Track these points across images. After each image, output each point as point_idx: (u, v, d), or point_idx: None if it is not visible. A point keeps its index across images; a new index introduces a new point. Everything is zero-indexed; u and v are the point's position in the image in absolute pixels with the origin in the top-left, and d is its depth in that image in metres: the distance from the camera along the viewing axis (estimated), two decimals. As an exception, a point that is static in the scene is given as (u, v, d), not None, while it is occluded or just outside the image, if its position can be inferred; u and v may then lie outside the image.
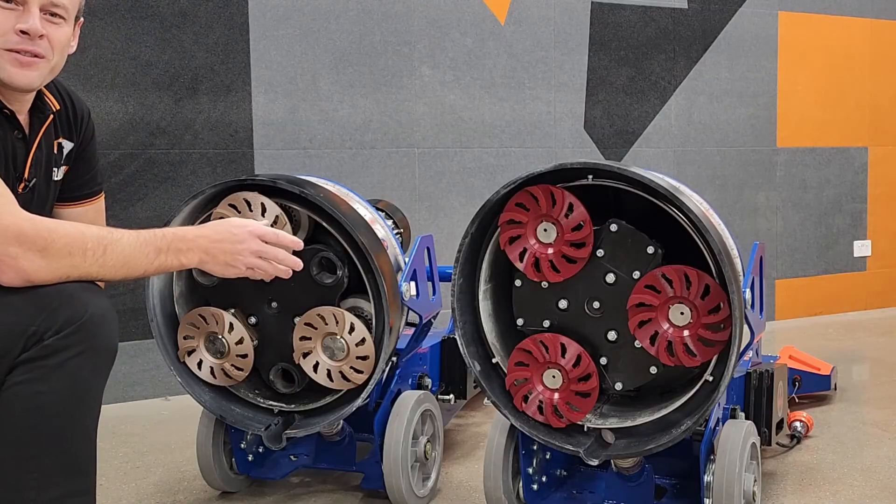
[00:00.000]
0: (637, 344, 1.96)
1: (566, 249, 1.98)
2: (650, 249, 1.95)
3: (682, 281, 1.90)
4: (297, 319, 2.19)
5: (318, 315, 2.16)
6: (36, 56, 1.71)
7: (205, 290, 2.28)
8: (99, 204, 2.09)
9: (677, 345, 1.91)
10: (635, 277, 1.96)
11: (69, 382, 1.50)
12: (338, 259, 2.18)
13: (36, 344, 1.48)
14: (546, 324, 2.05)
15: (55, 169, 1.90)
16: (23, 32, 1.68)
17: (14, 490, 1.50)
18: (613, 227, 1.97)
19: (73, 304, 1.51)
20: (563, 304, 2.04)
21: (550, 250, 1.99)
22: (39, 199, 1.86)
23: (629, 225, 1.97)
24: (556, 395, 2.02)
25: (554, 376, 2.01)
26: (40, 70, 1.73)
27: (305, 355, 2.19)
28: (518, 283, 2.07)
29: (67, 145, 1.93)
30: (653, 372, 1.98)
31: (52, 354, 1.49)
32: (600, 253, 1.99)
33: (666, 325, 1.92)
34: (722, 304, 1.89)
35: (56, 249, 1.53)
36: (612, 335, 2.01)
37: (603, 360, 2.02)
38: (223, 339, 2.21)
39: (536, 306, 2.06)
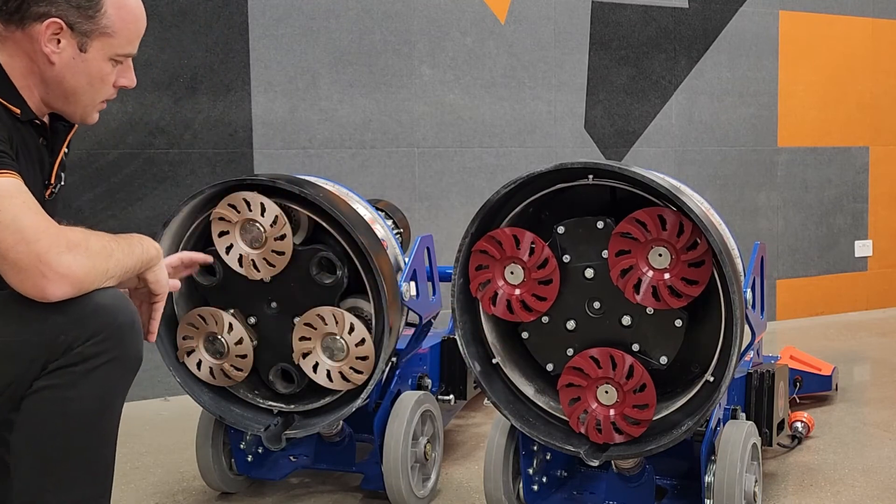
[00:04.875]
0: (649, 310, 1.96)
1: (536, 288, 2.00)
2: (599, 224, 1.97)
3: (656, 221, 1.89)
4: (296, 320, 2.19)
5: (318, 315, 2.16)
6: None
7: (204, 290, 2.27)
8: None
9: (661, 288, 1.91)
10: (604, 256, 1.96)
11: (97, 389, 1.52)
12: (337, 259, 2.17)
13: (66, 352, 1.50)
14: (570, 352, 2.05)
15: (62, 174, 1.93)
16: (121, 86, 1.79)
17: (34, 493, 1.52)
18: (561, 230, 2.00)
19: (102, 313, 1.53)
20: (570, 324, 2.04)
21: (518, 291, 2.01)
22: (60, 204, 1.89)
23: (570, 219, 1.99)
24: (612, 411, 1.99)
25: (607, 392, 1.99)
26: None
27: (305, 356, 2.18)
28: (525, 335, 2.08)
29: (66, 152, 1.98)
30: (678, 325, 1.96)
31: (81, 361, 1.51)
32: (567, 258, 2.00)
33: (646, 269, 1.92)
34: (699, 240, 1.88)
35: (94, 251, 1.55)
36: (626, 320, 2.00)
37: (635, 347, 2.01)
38: (222, 340, 2.21)
39: (552, 343, 2.06)
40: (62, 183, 1.91)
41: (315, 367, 2.18)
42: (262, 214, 2.12)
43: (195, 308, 2.24)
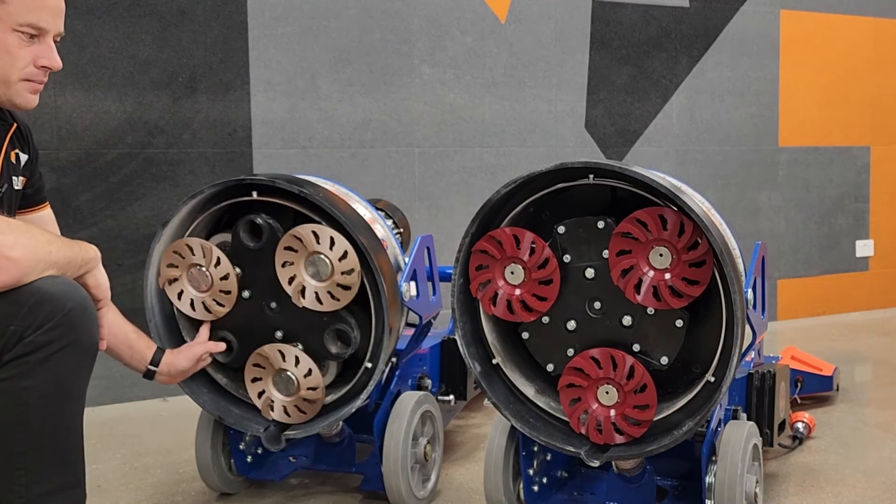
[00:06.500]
0: (650, 311, 1.95)
1: (536, 289, 1.99)
2: (600, 224, 1.96)
3: (657, 221, 1.88)
4: (298, 302, 2.15)
5: (295, 236, 2.12)
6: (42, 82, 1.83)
7: (229, 360, 2.29)
8: (49, 210, 2.12)
9: (662, 288, 1.90)
10: (605, 257, 1.95)
11: (54, 377, 1.52)
12: (259, 219, 2.16)
13: (17, 343, 1.49)
14: (570, 352, 2.04)
15: (14, 178, 1.93)
16: (43, 66, 1.79)
17: (2, 487, 1.51)
18: (561, 230, 1.99)
19: (52, 300, 1.52)
20: (571, 325, 2.03)
21: (518, 291, 2.00)
22: (7, 207, 1.89)
23: (571, 219, 1.98)
24: (613, 412, 1.98)
25: (608, 392, 1.98)
26: (40, 92, 1.85)
27: (291, 280, 2.14)
28: (525, 335, 2.07)
29: (23, 157, 1.96)
30: (679, 325, 1.94)
31: (34, 351, 1.50)
32: (567, 258, 2.00)
33: (647, 269, 1.91)
34: (700, 240, 1.87)
35: (34, 234, 1.56)
36: (626, 320, 1.99)
37: (636, 347, 2.00)
38: (290, 375, 2.19)
39: (552, 343, 2.05)
40: (14, 187, 1.90)
41: (303, 292, 2.14)
42: (204, 256, 2.14)
43: (251, 355, 2.23)
